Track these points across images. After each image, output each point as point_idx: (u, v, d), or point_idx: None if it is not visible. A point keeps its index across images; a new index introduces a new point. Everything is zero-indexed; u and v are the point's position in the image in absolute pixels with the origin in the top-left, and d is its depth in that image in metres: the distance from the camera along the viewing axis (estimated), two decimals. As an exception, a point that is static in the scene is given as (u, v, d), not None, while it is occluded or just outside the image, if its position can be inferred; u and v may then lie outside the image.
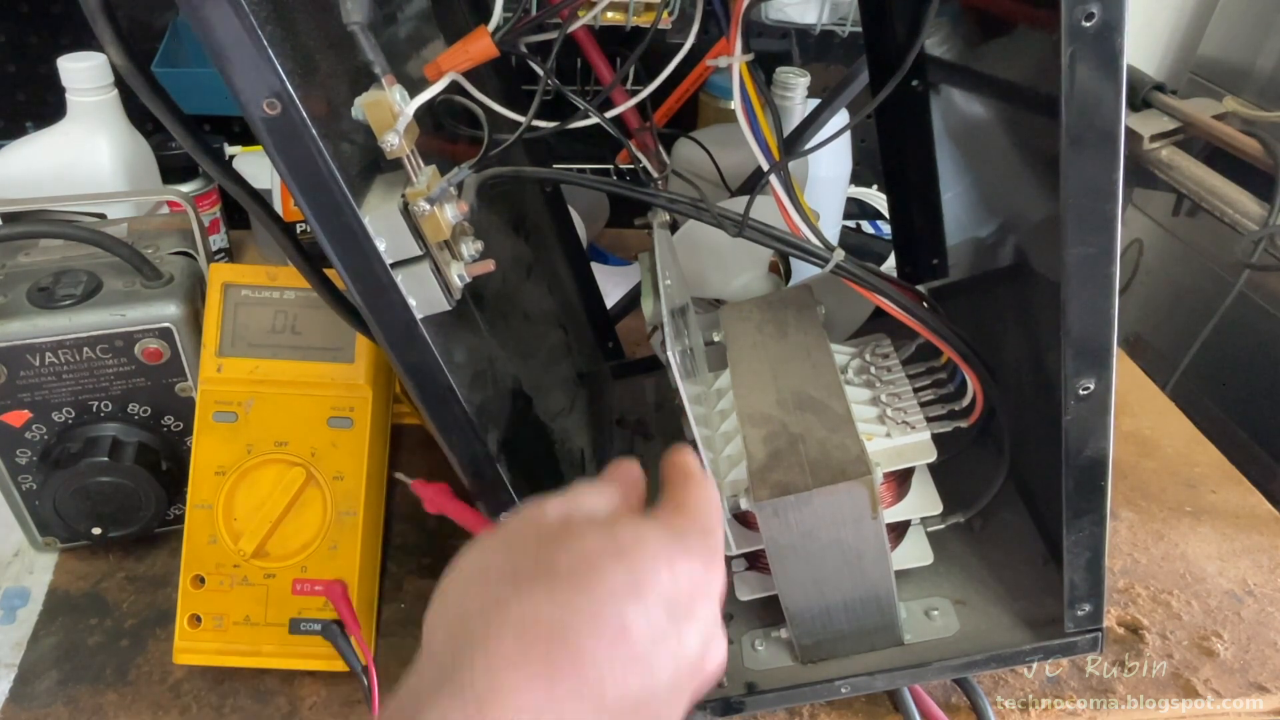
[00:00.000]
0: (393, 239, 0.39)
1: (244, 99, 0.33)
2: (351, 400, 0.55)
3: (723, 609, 0.35)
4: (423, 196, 0.38)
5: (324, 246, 0.38)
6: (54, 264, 0.59)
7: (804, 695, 0.52)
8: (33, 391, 0.57)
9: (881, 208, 1.13)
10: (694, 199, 0.49)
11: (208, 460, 0.55)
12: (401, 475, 0.57)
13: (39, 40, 0.99)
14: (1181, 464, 0.78)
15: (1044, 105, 0.39)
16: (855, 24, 0.87)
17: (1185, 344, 1.07)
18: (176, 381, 0.59)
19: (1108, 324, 0.40)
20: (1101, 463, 0.44)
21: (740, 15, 0.47)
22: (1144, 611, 0.63)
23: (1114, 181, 0.37)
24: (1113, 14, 0.33)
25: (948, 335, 0.51)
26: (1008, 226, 0.53)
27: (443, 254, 0.40)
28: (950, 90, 0.58)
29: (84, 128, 0.78)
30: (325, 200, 0.36)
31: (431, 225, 0.39)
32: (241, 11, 0.32)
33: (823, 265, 0.49)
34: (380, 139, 0.37)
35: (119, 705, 0.54)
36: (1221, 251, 1.08)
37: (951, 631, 0.53)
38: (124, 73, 0.36)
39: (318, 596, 0.55)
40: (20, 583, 0.62)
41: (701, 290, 0.70)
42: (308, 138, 0.35)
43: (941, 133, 0.60)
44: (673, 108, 0.90)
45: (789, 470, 0.47)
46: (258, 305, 0.56)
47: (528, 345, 0.63)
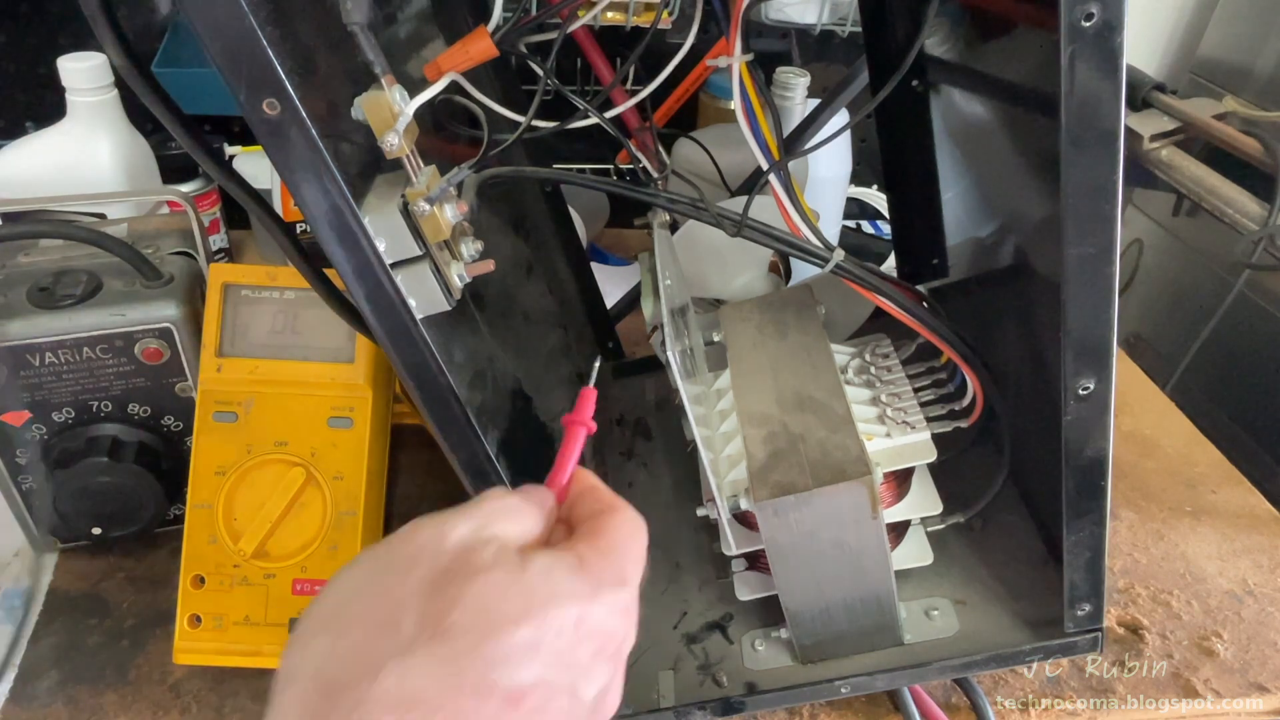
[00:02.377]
0: (393, 239, 0.39)
1: (244, 99, 0.33)
2: (351, 400, 0.55)
3: (634, 651, 0.33)
4: (423, 196, 0.38)
5: (324, 246, 0.38)
6: (54, 264, 0.59)
7: (804, 695, 0.52)
8: (33, 391, 0.57)
9: (881, 208, 1.13)
10: (694, 199, 0.49)
11: (208, 460, 0.55)
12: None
13: (39, 40, 0.99)
14: (1181, 464, 0.78)
15: (1044, 105, 0.39)
16: (855, 24, 0.87)
17: (1185, 344, 1.07)
18: (176, 381, 0.59)
19: (1108, 324, 0.40)
20: (1101, 463, 0.44)
21: (740, 15, 0.47)
22: (1144, 611, 0.63)
23: (1114, 181, 0.37)
24: (1112, 14, 0.33)
25: (948, 335, 0.51)
26: (1008, 226, 0.53)
27: (443, 254, 0.40)
28: (950, 90, 0.58)
29: (84, 128, 0.78)
30: (325, 200, 0.36)
31: (431, 225, 0.39)
32: (241, 12, 0.32)
33: (823, 265, 0.49)
34: (380, 139, 0.37)
35: (119, 705, 0.54)
36: (1221, 251, 1.08)
37: (951, 631, 0.53)
38: (124, 73, 0.36)
39: (318, 596, 0.55)
40: (20, 583, 0.62)
41: (701, 290, 0.70)
42: (308, 138, 0.35)
43: (941, 133, 0.60)
44: (673, 108, 0.90)
45: (789, 470, 0.47)
46: (258, 305, 0.56)
47: (528, 345, 0.63)
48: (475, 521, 0.31)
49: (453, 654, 0.27)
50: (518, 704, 0.27)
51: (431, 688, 0.26)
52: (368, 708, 0.26)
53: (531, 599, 0.29)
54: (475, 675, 0.27)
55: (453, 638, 0.27)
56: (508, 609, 0.28)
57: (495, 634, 0.28)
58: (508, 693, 0.27)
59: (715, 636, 0.56)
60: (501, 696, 0.27)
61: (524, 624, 0.28)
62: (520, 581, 0.29)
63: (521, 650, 0.28)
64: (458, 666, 0.27)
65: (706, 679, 0.53)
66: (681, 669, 0.54)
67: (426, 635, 0.27)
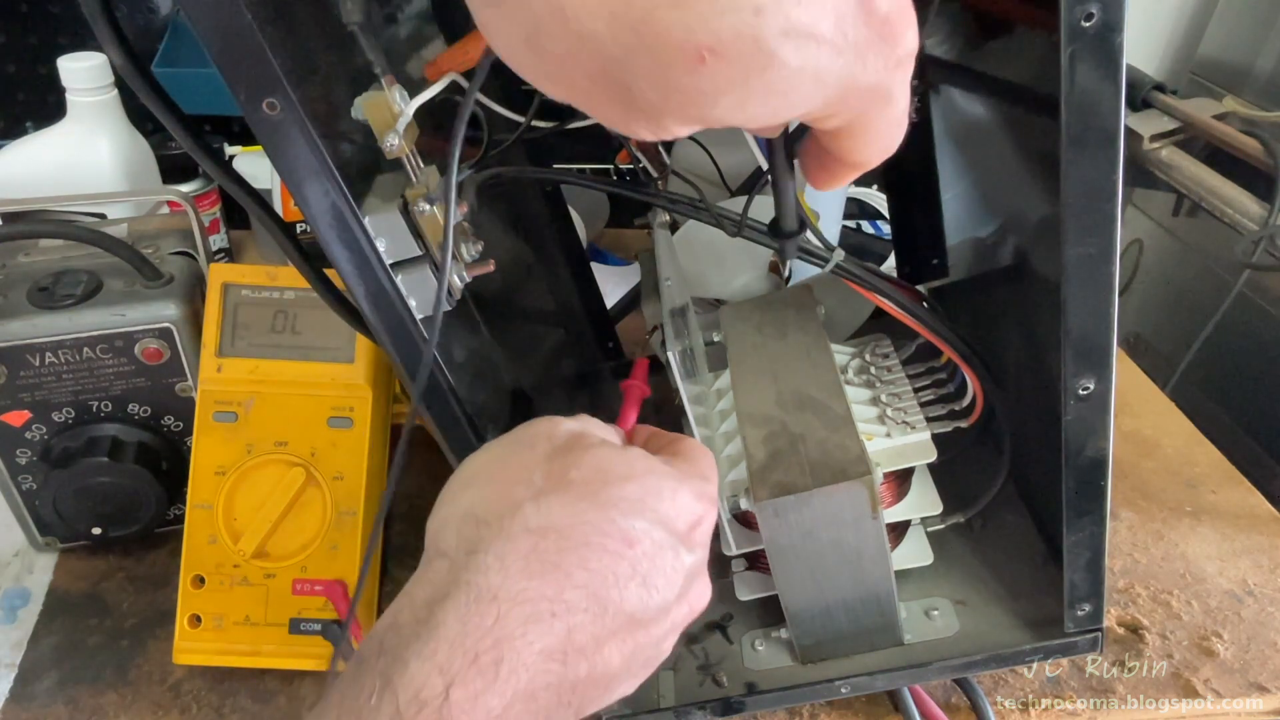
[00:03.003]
0: (393, 239, 0.39)
1: (244, 99, 0.33)
2: (351, 400, 0.55)
3: (711, 567, 0.37)
4: (423, 196, 0.38)
5: (324, 246, 0.38)
6: (54, 264, 0.59)
7: (804, 695, 0.52)
8: (33, 391, 0.57)
9: (881, 208, 1.13)
10: (694, 199, 0.49)
11: (208, 460, 0.55)
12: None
13: (39, 40, 0.99)
14: (1181, 464, 0.78)
15: (1044, 105, 0.39)
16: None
17: (1185, 344, 1.07)
18: (176, 381, 0.59)
19: (1107, 324, 0.40)
20: (1101, 463, 0.44)
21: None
22: (1144, 611, 0.63)
23: (1114, 182, 0.37)
24: (1112, 14, 0.33)
25: (948, 335, 0.51)
26: (1008, 226, 0.53)
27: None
28: (950, 90, 0.58)
29: (84, 128, 0.79)
30: (325, 200, 0.36)
31: (431, 225, 0.39)
32: (241, 12, 0.32)
33: (823, 265, 0.49)
34: (380, 139, 0.37)
35: (119, 705, 0.54)
36: (1221, 251, 1.08)
37: (951, 631, 0.53)
38: (124, 73, 0.36)
39: (318, 596, 0.55)
40: (20, 583, 0.62)
41: (701, 290, 0.70)
42: (308, 138, 0.35)
43: (941, 133, 0.60)
44: (673, 108, 0.90)
45: (789, 470, 0.47)
46: (258, 305, 0.56)
47: (528, 345, 0.63)
48: (579, 422, 0.38)
49: (577, 497, 0.33)
50: (632, 545, 0.32)
51: (563, 520, 0.32)
52: (513, 531, 0.32)
53: (634, 467, 0.35)
54: (596, 514, 0.32)
55: (575, 487, 0.33)
56: (618, 470, 0.34)
57: (609, 486, 0.33)
58: (624, 534, 0.32)
59: (715, 637, 0.56)
60: (619, 536, 0.32)
61: (631, 482, 0.34)
62: (624, 455, 0.35)
63: (631, 501, 0.33)
64: (582, 506, 0.33)
65: (706, 679, 0.53)
66: (681, 669, 0.54)
67: (553, 485, 0.33)
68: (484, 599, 0.30)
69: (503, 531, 0.32)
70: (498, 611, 0.30)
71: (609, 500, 0.33)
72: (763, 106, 0.24)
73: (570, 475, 0.34)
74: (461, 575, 0.31)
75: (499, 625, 0.30)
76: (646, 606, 0.33)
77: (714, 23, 0.22)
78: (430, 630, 0.30)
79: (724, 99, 0.24)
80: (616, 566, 0.32)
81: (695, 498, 0.36)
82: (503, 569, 0.31)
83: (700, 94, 0.24)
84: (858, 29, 0.24)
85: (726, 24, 0.22)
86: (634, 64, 0.23)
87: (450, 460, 0.45)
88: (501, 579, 0.31)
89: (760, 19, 0.22)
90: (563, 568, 0.31)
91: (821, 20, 0.23)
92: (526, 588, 0.31)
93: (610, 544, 0.32)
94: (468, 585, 0.31)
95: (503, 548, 0.31)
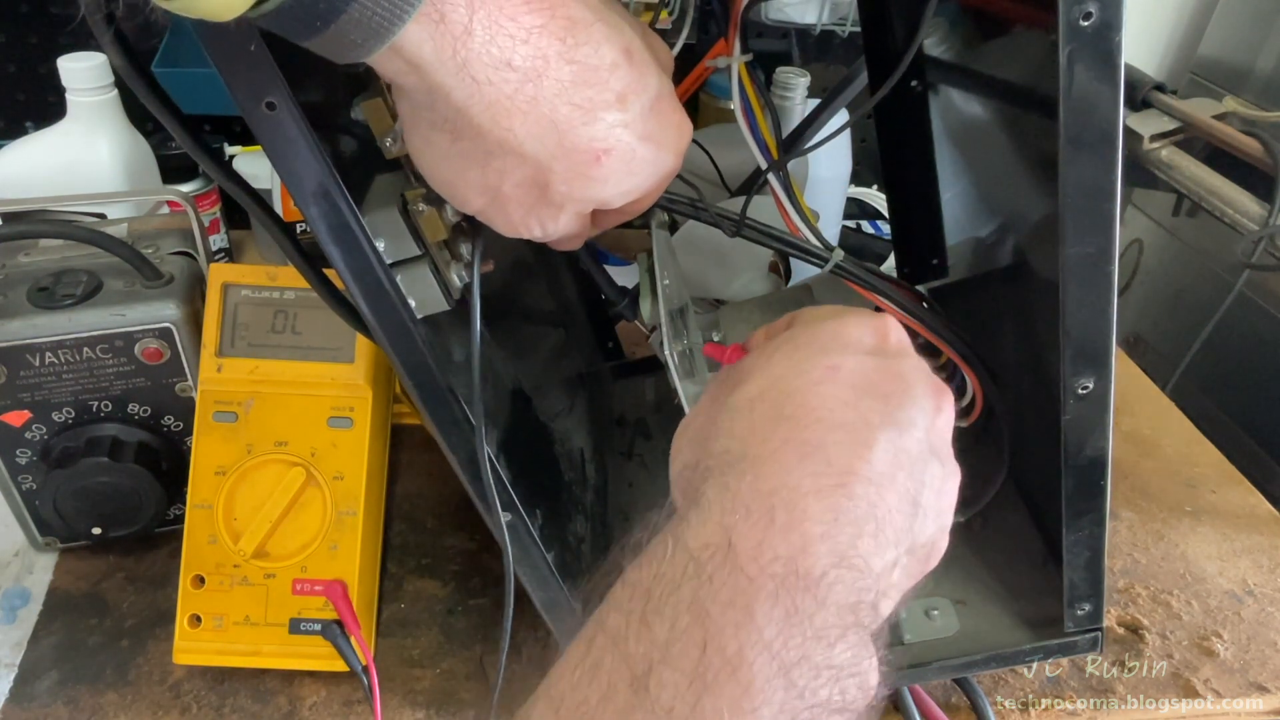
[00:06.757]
0: (392, 239, 0.39)
1: (243, 99, 0.33)
2: (351, 400, 0.55)
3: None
4: (422, 196, 0.38)
5: (324, 246, 0.38)
6: (54, 264, 0.59)
7: (804, 695, 0.52)
8: (33, 391, 0.57)
9: (881, 208, 1.13)
10: (693, 199, 0.49)
11: (208, 460, 0.55)
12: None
13: (39, 40, 0.99)
14: (1181, 464, 0.78)
15: (1042, 105, 0.39)
16: (855, 24, 0.87)
17: (1185, 344, 1.07)
18: (176, 381, 0.59)
19: (1107, 324, 0.40)
20: (1101, 463, 0.44)
21: (739, 15, 0.47)
22: (1144, 611, 0.63)
23: (1112, 181, 0.37)
24: (1111, 13, 0.33)
25: (948, 335, 0.51)
26: (1007, 226, 0.53)
27: (442, 254, 0.40)
28: (949, 90, 0.58)
29: (84, 128, 0.79)
30: (325, 200, 0.36)
31: (431, 225, 0.39)
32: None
33: (822, 265, 0.49)
34: (380, 140, 0.37)
35: (119, 705, 0.54)
36: (1221, 251, 1.08)
37: (951, 631, 0.53)
38: (123, 73, 0.36)
39: (318, 596, 0.55)
40: (20, 583, 0.62)
41: (701, 290, 0.71)
42: (307, 138, 0.35)
43: (940, 133, 0.60)
44: (673, 108, 0.90)
45: (788, 470, 0.47)
46: (258, 305, 0.56)
47: (528, 345, 0.63)
48: (876, 321, 0.37)
49: (892, 409, 0.33)
50: (837, 370, 0.34)
51: (894, 440, 0.32)
52: (872, 445, 0.32)
53: (938, 386, 0.36)
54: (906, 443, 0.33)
55: (892, 400, 0.33)
56: (921, 389, 0.35)
57: (912, 404, 0.34)
58: (919, 465, 0.33)
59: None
60: (917, 471, 0.33)
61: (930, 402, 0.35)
62: (929, 377, 0.36)
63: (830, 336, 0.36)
64: (893, 412, 0.33)
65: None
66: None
67: (892, 398, 0.33)
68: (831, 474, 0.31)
69: (870, 443, 0.32)
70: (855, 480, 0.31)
71: (911, 420, 0.33)
72: (629, 184, 0.36)
73: (887, 390, 0.34)
74: (807, 452, 0.31)
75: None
76: (915, 542, 0.33)
77: (606, 134, 0.34)
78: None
79: (610, 182, 0.35)
80: (900, 474, 0.32)
81: (862, 325, 0.36)
82: (870, 466, 0.31)
83: (597, 182, 0.35)
84: (665, 131, 0.36)
85: (613, 135, 0.34)
86: (555, 167, 0.34)
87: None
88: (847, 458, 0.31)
89: (628, 130, 0.34)
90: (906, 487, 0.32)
91: (656, 130, 0.36)
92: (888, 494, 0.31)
93: (916, 477, 0.32)
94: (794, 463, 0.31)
95: (871, 455, 0.31)
